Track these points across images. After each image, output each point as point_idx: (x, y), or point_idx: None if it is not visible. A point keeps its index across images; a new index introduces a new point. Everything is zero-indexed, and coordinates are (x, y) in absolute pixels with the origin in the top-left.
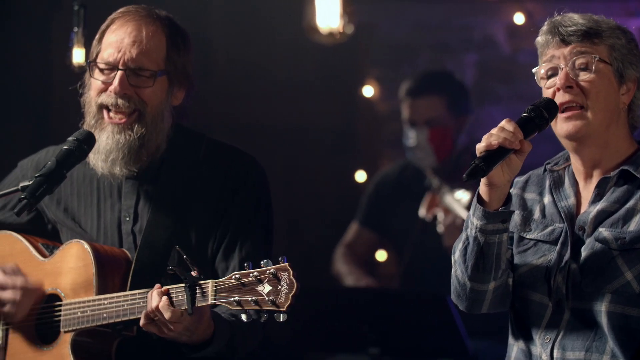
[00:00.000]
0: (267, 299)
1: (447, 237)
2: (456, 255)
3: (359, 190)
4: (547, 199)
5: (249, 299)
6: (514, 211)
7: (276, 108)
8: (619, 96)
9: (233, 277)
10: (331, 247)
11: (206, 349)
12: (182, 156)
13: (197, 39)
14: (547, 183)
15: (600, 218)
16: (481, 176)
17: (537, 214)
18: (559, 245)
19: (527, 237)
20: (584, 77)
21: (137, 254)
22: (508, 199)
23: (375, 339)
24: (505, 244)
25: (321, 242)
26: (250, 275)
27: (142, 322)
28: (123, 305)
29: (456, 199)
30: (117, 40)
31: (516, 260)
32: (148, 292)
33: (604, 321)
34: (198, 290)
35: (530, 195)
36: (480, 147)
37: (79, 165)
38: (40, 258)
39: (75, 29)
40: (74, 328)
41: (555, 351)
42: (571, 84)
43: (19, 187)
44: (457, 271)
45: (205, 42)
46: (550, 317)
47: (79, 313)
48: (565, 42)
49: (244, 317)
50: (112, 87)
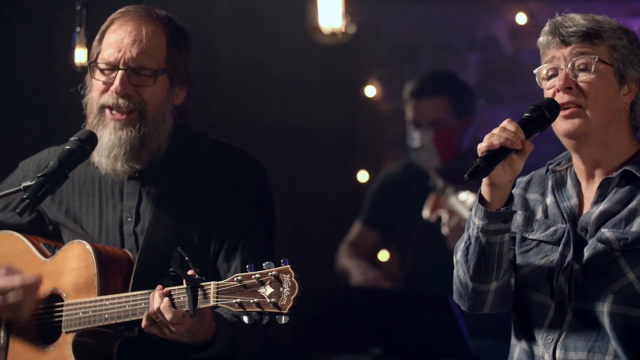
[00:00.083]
0: (268, 301)
1: (452, 239)
2: (458, 255)
3: (361, 190)
4: (549, 199)
5: (251, 300)
6: (515, 211)
7: (278, 108)
8: (619, 96)
9: (235, 278)
10: (334, 247)
11: (208, 349)
12: (183, 156)
13: (200, 39)
14: (550, 183)
15: (603, 219)
16: (482, 176)
17: (539, 215)
18: (561, 245)
19: (530, 237)
20: (583, 77)
21: (139, 255)
22: (510, 199)
23: (378, 339)
24: (507, 244)
25: (323, 242)
26: (252, 277)
27: (144, 323)
28: (125, 306)
29: (460, 201)
30: (117, 40)
31: (518, 260)
32: (150, 293)
33: (606, 322)
34: (200, 292)
35: (532, 196)
36: (481, 147)
37: (81, 165)
38: (42, 258)
39: (78, 29)
40: (76, 328)
41: (558, 351)
42: (570, 85)
43: (21, 187)
44: (459, 271)
45: (208, 42)
46: (552, 317)
47: (80, 313)
48: (565, 43)
49: (245, 318)
50: (113, 87)
